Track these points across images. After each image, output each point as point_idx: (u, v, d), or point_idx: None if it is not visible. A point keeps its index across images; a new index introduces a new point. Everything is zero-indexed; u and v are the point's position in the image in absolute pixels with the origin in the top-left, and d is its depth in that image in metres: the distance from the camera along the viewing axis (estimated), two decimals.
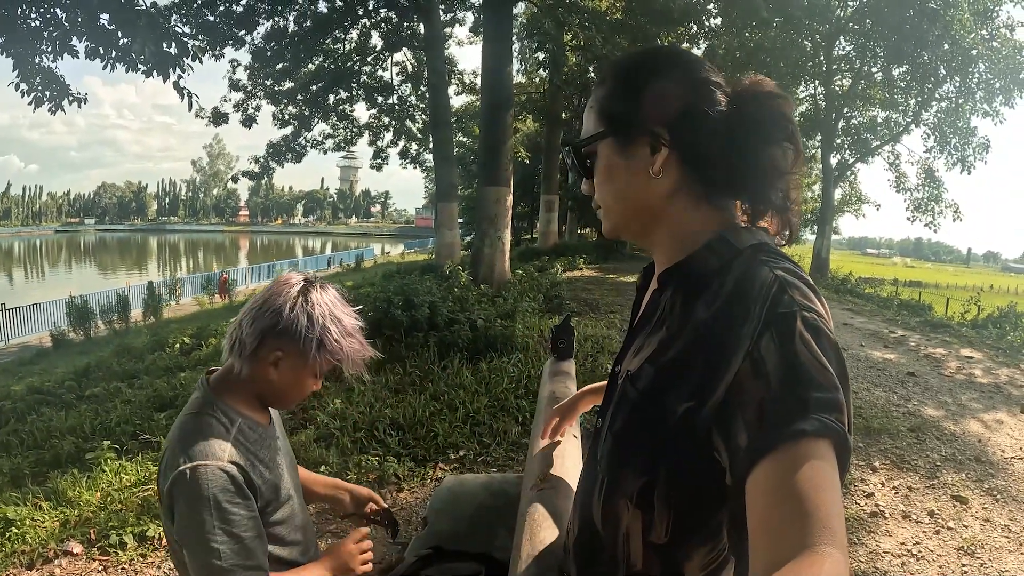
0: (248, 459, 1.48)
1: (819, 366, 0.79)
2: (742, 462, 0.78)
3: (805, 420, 0.75)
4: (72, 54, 8.40)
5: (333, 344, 1.53)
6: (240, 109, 20.27)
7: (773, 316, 0.83)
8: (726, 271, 0.94)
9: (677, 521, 0.91)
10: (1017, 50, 20.33)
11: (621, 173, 1.05)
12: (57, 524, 4.14)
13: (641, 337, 1.06)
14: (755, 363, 0.81)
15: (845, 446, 0.76)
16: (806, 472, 0.71)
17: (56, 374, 9.80)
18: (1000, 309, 15.55)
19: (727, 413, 0.82)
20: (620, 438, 1.00)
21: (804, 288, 0.88)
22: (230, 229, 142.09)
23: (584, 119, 1.12)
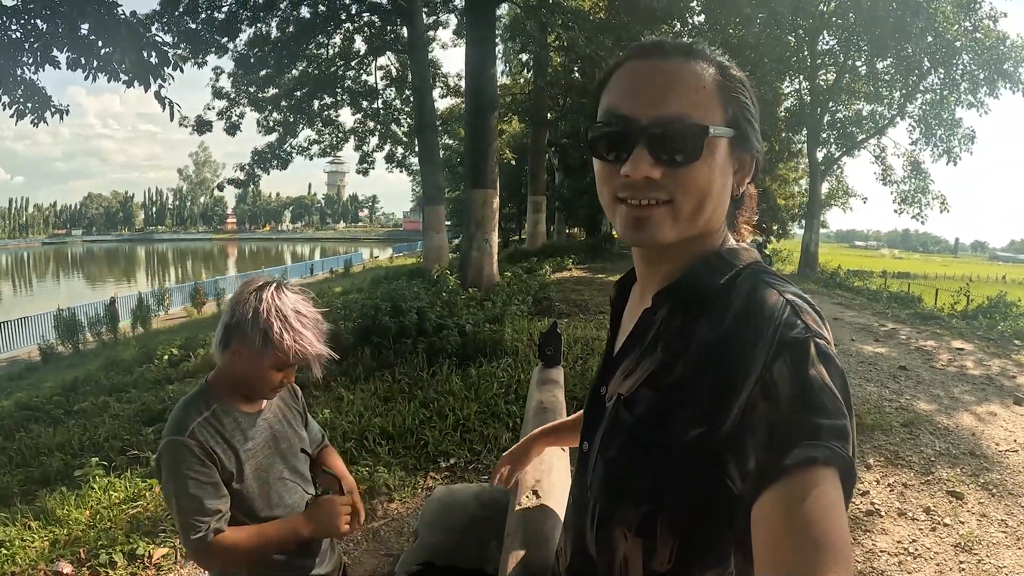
0: (213, 437, 1.74)
1: (830, 393, 0.78)
2: (750, 486, 0.78)
3: (816, 447, 0.74)
4: (54, 65, 8.32)
5: (275, 338, 1.69)
6: (224, 117, 20.21)
7: (786, 340, 0.82)
8: (729, 290, 0.92)
9: (683, 548, 0.89)
10: (1001, 40, 20.42)
11: (727, 178, 0.95)
12: (47, 544, 4.10)
13: (632, 358, 1.01)
14: (767, 387, 0.80)
15: (851, 474, 0.76)
16: (816, 500, 0.71)
17: (44, 389, 9.72)
18: (989, 299, 15.62)
19: (740, 437, 0.81)
20: (615, 465, 0.97)
21: (814, 314, 0.87)
22: (218, 237, 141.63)
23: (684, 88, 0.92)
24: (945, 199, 24.56)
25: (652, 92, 0.91)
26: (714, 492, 0.84)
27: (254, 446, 1.85)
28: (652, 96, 0.91)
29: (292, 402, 2.08)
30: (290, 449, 1.96)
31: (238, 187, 23.03)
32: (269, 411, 1.94)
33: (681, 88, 0.91)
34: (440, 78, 23.57)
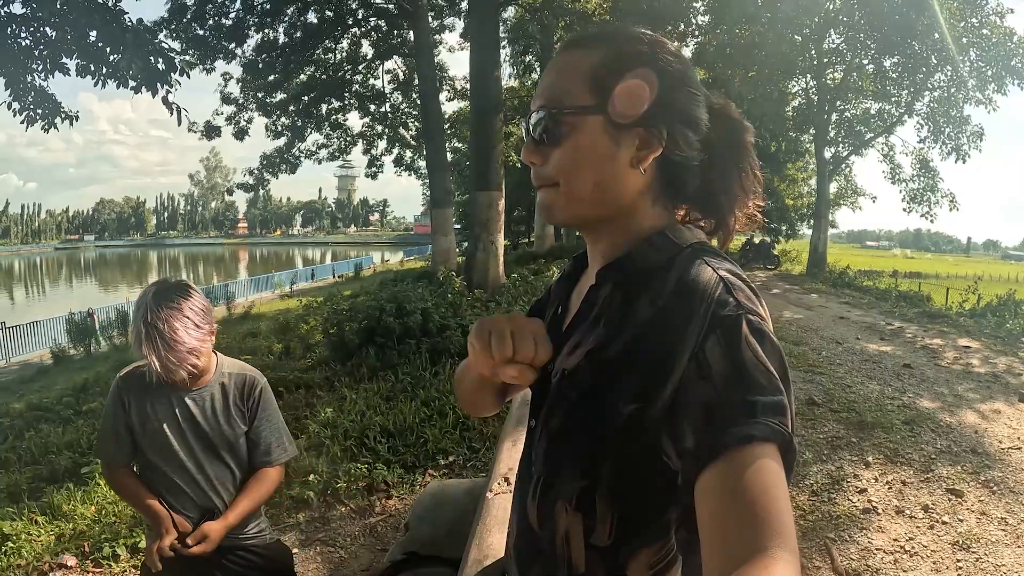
0: (135, 390, 2.12)
1: (764, 369, 0.79)
2: (690, 465, 0.78)
3: (753, 424, 0.75)
4: (63, 72, 8.45)
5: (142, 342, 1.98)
6: (232, 122, 20.33)
7: (718, 318, 0.82)
8: (668, 268, 0.92)
9: (621, 523, 0.89)
10: (1008, 36, 20.27)
11: (605, 158, 0.94)
12: (52, 538, 4.20)
13: (578, 334, 1.01)
14: (700, 365, 0.80)
15: (791, 449, 0.77)
16: (756, 476, 0.72)
17: (55, 391, 9.83)
18: (999, 297, 15.48)
19: (675, 415, 0.81)
20: (557, 439, 0.97)
21: (747, 290, 0.88)
22: (229, 242, 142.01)
23: (555, 78, 0.98)
24: (954, 197, 24.36)
25: (540, 84, 1.02)
26: (650, 468, 0.84)
27: (165, 413, 2.11)
28: (539, 87, 1.01)
29: (238, 399, 2.21)
30: (205, 438, 2.15)
31: (248, 191, 23.18)
32: (199, 393, 2.16)
33: (555, 77, 0.98)
34: (447, 81, 23.63)
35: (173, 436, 2.11)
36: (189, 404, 2.13)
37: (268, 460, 2.26)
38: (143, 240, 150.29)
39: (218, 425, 2.15)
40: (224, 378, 2.20)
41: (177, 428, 2.11)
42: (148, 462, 2.13)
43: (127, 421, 2.10)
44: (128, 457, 2.15)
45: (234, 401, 2.19)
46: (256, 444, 2.23)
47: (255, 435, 2.23)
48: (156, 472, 2.13)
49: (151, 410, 2.10)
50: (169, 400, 2.11)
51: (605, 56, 0.95)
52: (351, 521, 4.29)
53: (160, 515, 2.08)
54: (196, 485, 2.13)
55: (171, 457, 2.11)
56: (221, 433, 2.16)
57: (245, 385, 2.22)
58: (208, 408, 2.15)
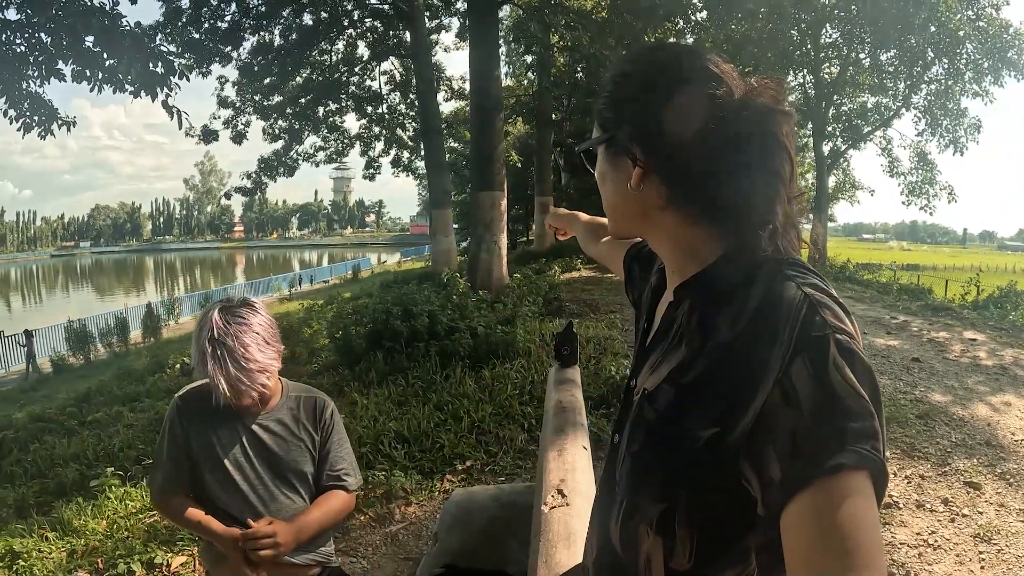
0: (197, 413, 1.97)
1: (854, 393, 0.75)
2: (776, 495, 0.75)
3: (843, 453, 0.72)
4: (59, 78, 8.38)
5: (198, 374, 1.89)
6: (230, 126, 20.33)
7: (805, 340, 0.78)
8: (748, 285, 0.88)
9: (701, 547, 0.87)
10: (1004, 29, 20.35)
11: (610, 181, 1.02)
12: (64, 554, 4.14)
13: (658, 352, 1.00)
14: (786, 391, 0.77)
15: (883, 475, 0.74)
16: (847, 508, 0.69)
17: (58, 400, 9.79)
18: (1000, 289, 15.56)
19: (757, 442, 0.79)
20: (638, 460, 0.96)
21: (836, 308, 0.83)
22: (226, 246, 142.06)
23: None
24: (953, 189, 24.49)
25: None
26: (729, 493, 0.82)
27: (230, 440, 1.97)
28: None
29: (307, 420, 2.09)
30: (275, 465, 2.01)
31: (245, 195, 23.15)
32: (267, 418, 2.03)
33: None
34: (444, 81, 23.65)
35: (239, 467, 1.97)
36: (257, 431, 2.00)
37: (343, 484, 2.14)
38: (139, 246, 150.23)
39: (288, 452, 2.03)
40: (292, 402, 2.08)
41: (245, 457, 1.98)
42: (208, 493, 1.97)
43: (186, 448, 1.95)
44: (184, 486, 1.98)
45: (304, 426, 2.07)
46: (328, 468, 2.11)
47: (326, 459, 2.11)
48: (214, 504, 1.97)
49: (215, 438, 1.95)
50: (234, 427, 1.98)
51: (607, 86, 1.04)
52: (371, 530, 4.25)
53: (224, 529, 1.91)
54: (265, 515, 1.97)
55: (235, 490, 1.96)
56: (293, 460, 2.04)
57: (316, 408, 2.11)
58: (278, 434, 2.03)
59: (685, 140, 0.91)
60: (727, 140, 0.89)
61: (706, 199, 0.93)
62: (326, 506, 2.07)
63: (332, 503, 2.09)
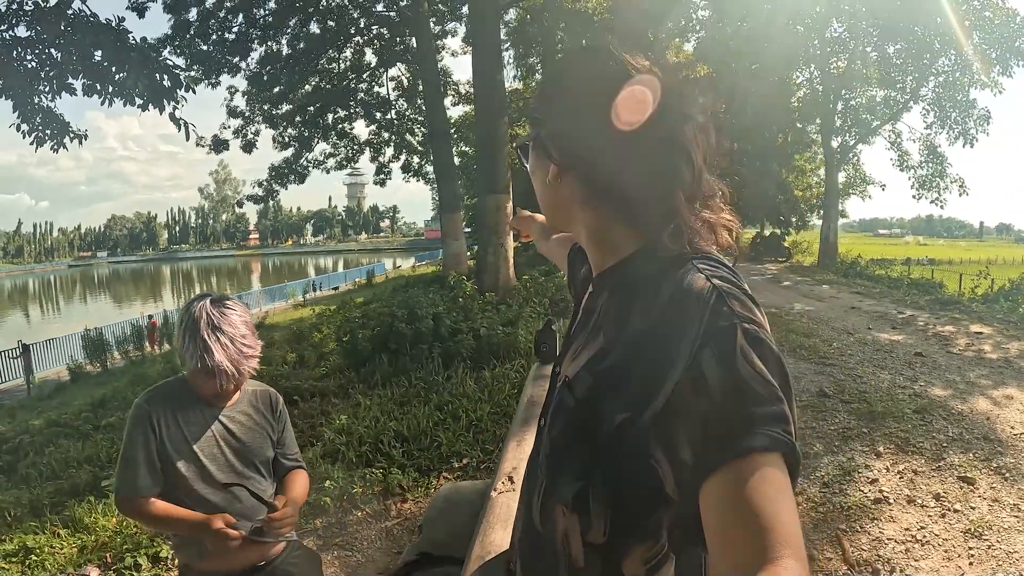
0: (166, 414, 2.02)
1: (762, 380, 0.79)
2: (689, 477, 0.79)
3: (752, 436, 0.75)
4: (70, 92, 8.53)
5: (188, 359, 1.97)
6: (240, 135, 20.46)
7: (713, 329, 0.82)
8: (661, 277, 0.92)
9: (614, 523, 0.92)
10: (1010, 18, 20.13)
11: (537, 175, 1.09)
12: (75, 550, 4.27)
13: (579, 341, 1.06)
14: (695, 379, 0.80)
15: (794, 456, 0.77)
16: (759, 486, 0.72)
17: (74, 406, 9.93)
18: (1011, 281, 15.38)
19: (668, 426, 0.82)
20: (556, 443, 1.02)
21: (744, 298, 0.87)
22: (241, 253, 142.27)
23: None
24: (964, 182, 24.24)
25: None
26: (640, 473, 0.86)
27: (201, 433, 2.07)
28: None
29: (267, 413, 2.25)
30: (243, 452, 2.14)
31: (257, 203, 23.30)
32: (232, 410, 2.16)
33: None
34: (451, 86, 23.67)
35: (213, 457, 2.08)
36: (225, 422, 2.13)
37: (299, 464, 2.34)
38: (155, 255, 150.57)
39: (254, 440, 2.18)
40: (250, 395, 2.23)
41: (217, 448, 2.09)
42: (182, 486, 2.04)
43: (159, 449, 2.01)
44: (158, 486, 2.02)
45: (264, 415, 2.23)
46: (285, 452, 2.29)
47: (283, 445, 2.29)
48: (192, 496, 2.04)
49: (186, 433, 2.05)
50: (204, 420, 2.09)
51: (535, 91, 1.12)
52: (367, 525, 4.33)
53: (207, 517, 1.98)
54: (239, 502, 2.10)
55: (209, 479, 2.06)
56: (259, 447, 2.19)
57: (271, 400, 2.28)
58: (245, 424, 2.17)
59: (596, 141, 0.96)
60: (632, 142, 0.94)
61: (618, 198, 0.98)
62: (302, 484, 2.28)
63: (303, 481, 2.30)
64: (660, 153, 0.95)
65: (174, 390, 2.10)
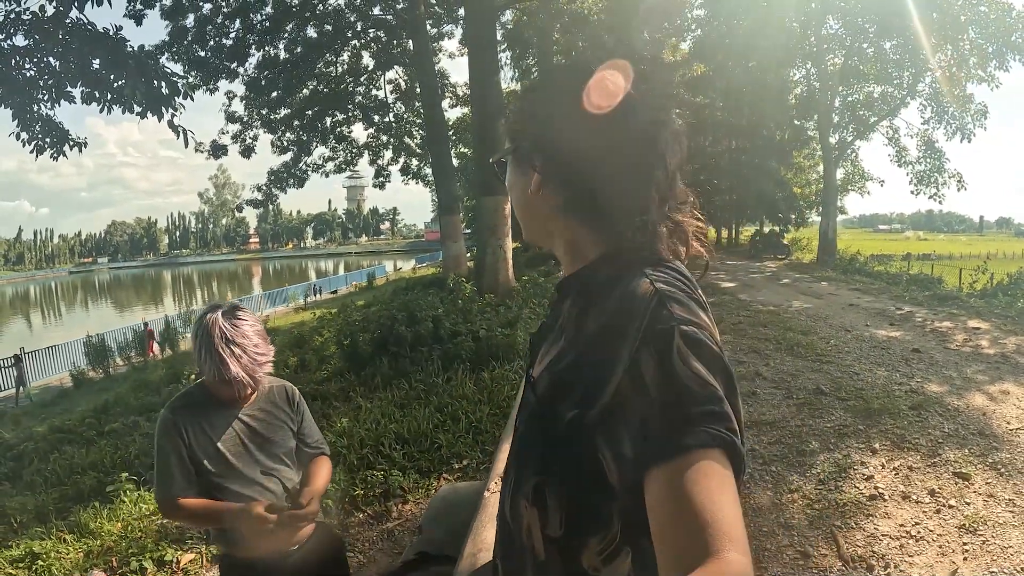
0: (191, 420, 2.15)
1: (699, 380, 0.82)
2: (629, 473, 0.83)
3: (689, 434, 0.78)
4: (69, 100, 8.54)
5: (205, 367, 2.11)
6: (238, 140, 20.51)
7: (651, 332, 0.86)
8: (615, 282, 0.97)
9: (569, 516, 0.97)
10: (1006, 12, 20.15)
11: (516, 188, 1.12)
12: (81, 555, 4.33)
13: (547, 344, 1.12)
14: (635, 379, 0.84)
15: (736, 453, 0.79)
16: (698, 483, 0.75)
17: (77, 413, 9.98)
18: (1010, 276, 15.38)
19: (611, 422, 0.86)
20: (522, 441, 1.09)
21: (685, 300, 0.91)
22: (241, 257, 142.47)
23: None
24: (962, 177, 24.24)
25: None
26: (590, 468, 0.90)
27: (227, 435, 2.20)
28: None
29: (285, 406, 2.37)
30: (266, 446, 2.27)
31: (257, 208, 23.35)
32: (254, 408, 2.28)
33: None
34: (448, 88, 23.72)
35: (239, 455, 2.21)
36: (247, 420, 2.25)
37: (323, 451, 2.49)
38: (156, 260, 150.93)
39: (276, 433, 2.30)
40: (268, 391, 2.35)
41: (242, 446, 2.22)
42: (213, 485, 2.18)
43: (189, 454, 2.15)
44: (193, 488, 2.16)
45: (282, 409, 2.36)
46: (306, 441, 2.42)
47: (303, 434, 2.42)
48: (225, 493, 2.18)
49: (212, 435, 2.17)
50: (227, 421, 2.22)
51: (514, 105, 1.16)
52: (369, 527, 4.38)
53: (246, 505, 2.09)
54: (270, 493, 2.23)
55: (238, 476, 2.19)
56: (281, 440, 2.31)
57: (287, 394, 2.40)
58: (265, 419, 2.29)
59: (575, 149, 1.01)
60: (608, 149, 0.99)
61: (590, 204, 1.03)
62: (324, 470, 2.42)
63: (325, 467, 2.44)
64: (636, 156, 1.00)
65: (195, 397, 2.22)
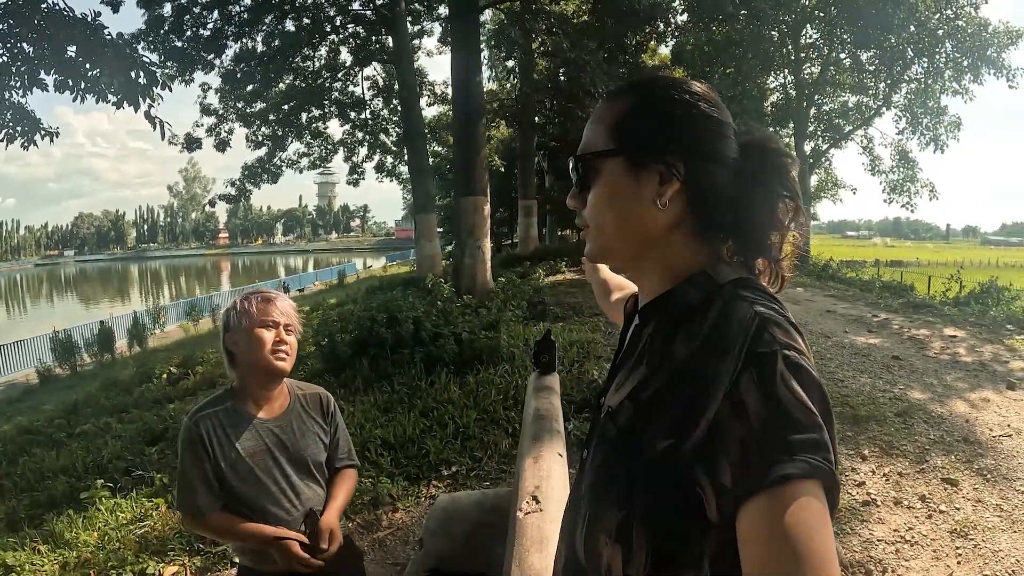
0: (215, 429, 2.05)
1: (801, 406, 0.79)
2: (728, 502, 0.79)
3: (790, 463, 0.75)
4: (41, 87, 8.34)
5: (246, 306, 2.09)
6: (213, 133, 20.24)
7: (753, 356, 0.83)
8: (706, 307, 0.93)
9: (656, 555, 0.90)
10: (983, 27, 20.57)
11: (626, 195, 1.00)
12: (57, 567, 4.15)
13: (624, 372, 1.05)
14: (735, 404, 0.81)
15: (833, 483, 0.77)
16: (796, 515, 0.72)
17: (45, 412, 9.72)
18: (981, 284, 15.60)
19: (711, 451, 0.82)
20: (599, 474, 1.01)
21: (786, 326, 0.88)
22: (210, 252, 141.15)
23: (588, 131, 1.07)
24: (934, 186, 24.75)
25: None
26: (684, 502, 0.85)
27: (254, 446, 2.09)
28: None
29: (315, 414, 2.27)
30: (295, 456, 2.16)
31: (229, 202, 23.07)
32: (283, 419, 2.18)
33: (588, 128, 1.07)
34: (427, 86, 23.63)
35: (268, 470, 2.10)
36: (277, 432, 2.15)
37: (351, 463, 2.38)
38: (123, 254, 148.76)
39: (307, 447, 2.19)
40: (299, 400, 2.25)
41: (273, 460, 2.12)
42: (239, 500, 2.07)
43: (213, 467, 2.04)
44: (219, 503, 2.06)
45: (315, 419, 2.26)
46: (336, 451, 2.32)
47: (336, 447, 2.32)
48: (249, 507, 2.08)
49: (240, 449, 2.07)
50: (256, 434, 2.11)
51: (628, 102, 1.03)
52: (359, 536, 4.27)
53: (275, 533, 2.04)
54: (295, 508, 2.13)
55: (266, 493, 2.09)
56: (312, 453, 2.20)
57: (321, 402, 2.31)
58: (295, 431, 2.18)
59: (721, 165, 0.98)
60: (754, 170, 0.99)
61: (716, 223, 1.00)
62: (348, 485, 2.33)
63: (350, 482, 2.35)
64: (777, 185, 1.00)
65: (222, 403, 2.12)
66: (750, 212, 0.99)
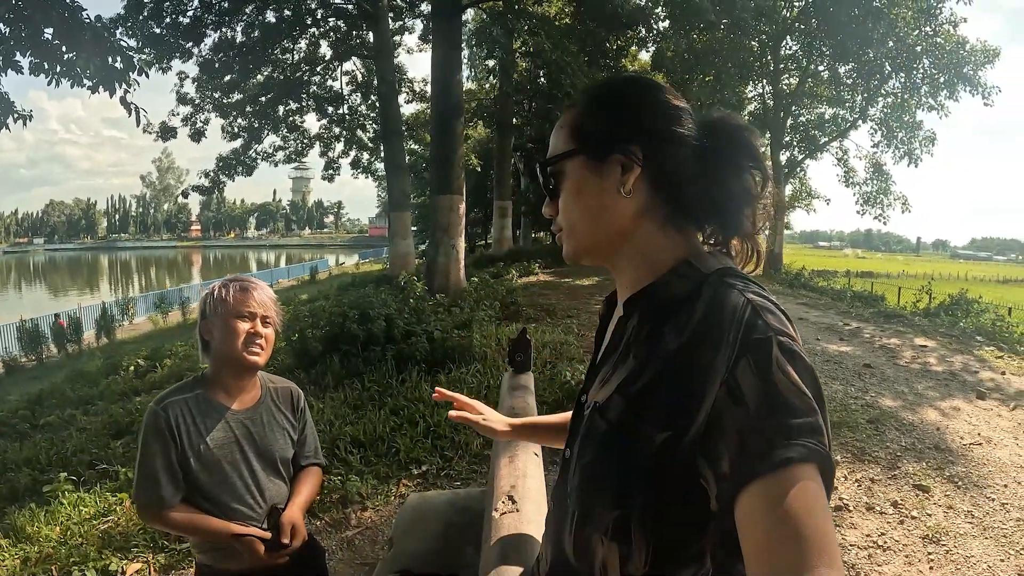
0: (183, 417, 1.97)
1: (797, 391, 0.79)
2: (727, 488, 0.79)
3: (789, 447, 0.76)
4: (16, 70, 8.15)
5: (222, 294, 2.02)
6: (188, 123, 19.99)
7: (748, 342, 0.83)
8: (695, 297, 0.93)
9: (658, 551, 0.89)
10: (960, 45, 20.95)
11: (591, 191, 1.03)
12: (18, 562, 4.02)
13: (608, 366, 1.04)
14: (732, 391, 0.81)
15: (829, 467, 0.78)
16: (796, 497, 0.73)
17: (9, 402, 9.49)
18: (951, 296, 15.90)
19: (710, 440, 0.82)
20: (590, 471, 0.98)
21: (777, 312, 0.88)
22: (182, 245, 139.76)
23: (552, 139, 1.10)
24: (907, 200, 25.15)
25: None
26: (685, 494, 0.85)
27: (223, 437, 2.03)
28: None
29: (285, 409, 2.22)
30: (263, 451, 2.11)
31: (203, 194, 22.80)
32: (253, 411, 2.12)
33: (552, 136, 1.11)
34: (406, 83, 23.57)
35: (235, 463, 2.04)
36: (247, 424, 2.09)
37: (319, 462, 2.34)
38: (94, 243, 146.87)
39: (276, 441, 2.14)
40: (270, 393, 2.20)
41: (240, 453, 2.06)
42: (202, 493, 2.00)
43: (179, 457, 1.95)
44: (180, 494, 1.97)
45: (284, 415, 2.21)
46: (304, 451, 2.27)
47: (304, 444, 2.27)
48: (211, 502, 2.01)
49: (208, 440, 2.00)
50: (225, 425, 2.04)
51: (582, 104, 1.07)
52: (327, 535, 4.20)
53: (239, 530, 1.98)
54: (259, 505, 2.08)
55: (230, 487, 2.03)
56: (280, 448, 2.15)
57: (292, 397, 2.26)
58: (265, 424, 2.13)
59: (683, 144, 0.99)
60: (716, 147, 0.99)
61: (686, 205, 1.00)
62: (313, 483, 2.27)
63: (315, 480, 2.29)
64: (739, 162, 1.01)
65: (191, 392, 2.05)
66: (720, 188, 1.00)
